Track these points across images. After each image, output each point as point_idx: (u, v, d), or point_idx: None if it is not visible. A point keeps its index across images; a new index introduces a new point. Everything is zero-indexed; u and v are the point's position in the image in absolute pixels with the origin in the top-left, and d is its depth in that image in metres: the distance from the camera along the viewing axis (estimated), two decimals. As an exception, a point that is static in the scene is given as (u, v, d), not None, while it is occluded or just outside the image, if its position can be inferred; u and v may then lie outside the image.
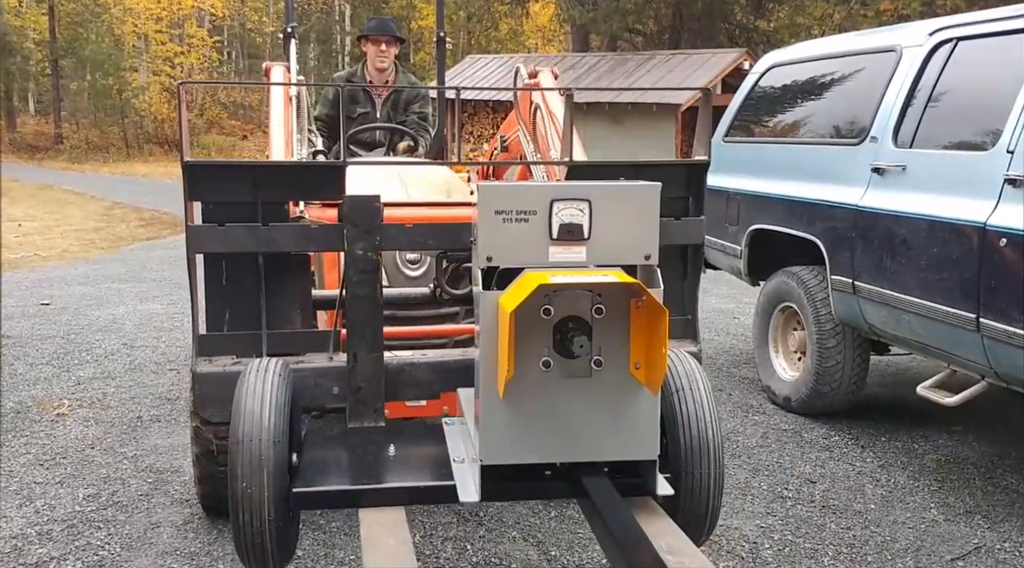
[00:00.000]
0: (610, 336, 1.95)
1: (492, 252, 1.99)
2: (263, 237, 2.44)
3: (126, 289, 9.27)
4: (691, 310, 2.77)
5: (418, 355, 2.60)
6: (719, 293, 9.07)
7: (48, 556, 3.63)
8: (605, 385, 1.99)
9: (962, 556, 3.72)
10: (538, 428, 1.99)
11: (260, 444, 2.03)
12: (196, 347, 2.50)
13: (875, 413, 5.44)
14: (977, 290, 4.00)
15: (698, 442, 2.17)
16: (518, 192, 1.99)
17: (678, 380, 2.26)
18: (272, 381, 2.16)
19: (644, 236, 2.04)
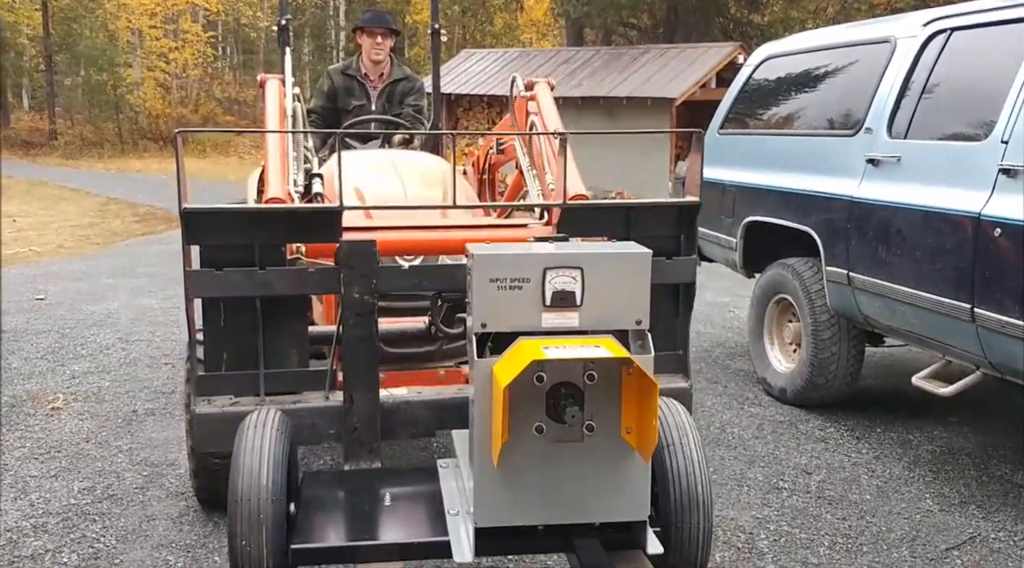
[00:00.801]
0: (602, 402, 2.00)
1: (486, 318, 2.03)
2: (260, 281, 2.49)
3: (121, 284, 9.24)
4: (682, 345, 2.82)
5: (413, 393, 2.64)
6: (714, 287, 9.07)
7: (43, 548, 3.62)
8: (597, 449, 2.03)
9: (957, 546, 3.73)
10: (531, 491, 2.04)
11: (259, 502, 2.07)
12: (195, 388, 2.56)
13: (870, 404, 5.44)
14: (971, 280, 4.01)
15: (688, 498, 2.21)
16: (512, 260, 2.04)
17: (670, 435, 2.29)
18: (270, 436, 2.20)
19: (635, 302, 2.09)
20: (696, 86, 16.97)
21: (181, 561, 3.54)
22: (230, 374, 2.56)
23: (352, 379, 2.52)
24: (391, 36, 5.30)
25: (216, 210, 2.54)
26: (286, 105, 3.77)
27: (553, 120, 3.76)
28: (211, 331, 2.56)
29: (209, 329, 2.57)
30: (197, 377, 2.55)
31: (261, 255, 2.50)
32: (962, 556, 3.65)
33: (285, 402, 2.58)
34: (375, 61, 5.27)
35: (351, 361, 2.51)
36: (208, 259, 2.51)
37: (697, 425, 4.99)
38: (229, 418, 2.45)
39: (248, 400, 2.58)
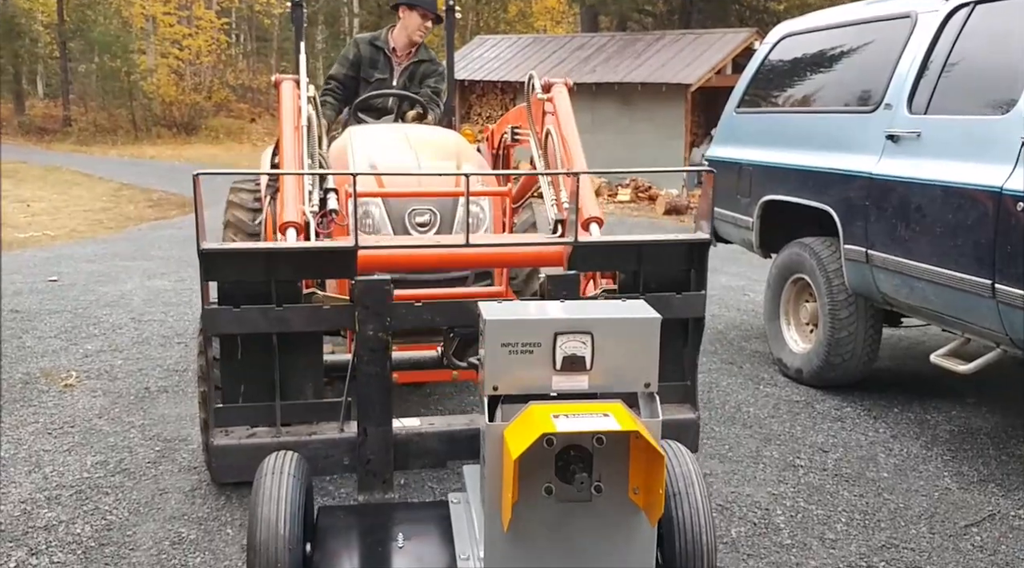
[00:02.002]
0: (610, 463, 2.04)
1: (498, 382, 2.08)
2: (276, 318, 2.54)
3: (134, 266, 9.25)
4: (690, 376, 2.85)
5: (426, 425, 2.69)
6: (729, 272, 9.02)
7: (57, 520, 3.62)
8: (605, 509, 2.08)
9: (976, 523, 3.68)
10: (539, 548, 2.09)
11: (276, 552, 2.12)
12: (213, 419, 2.61)
13: (887, 385, 5.39)
14: (992, 256, 3.95)
15: (693, 547, 2.25)
16: (523, 326, 2.08)
17: (676, 484, 2.32)
18: (287, 484, 2.24)
19: (644, 366, 2.13)
20: (711, 72, 16.86)
21: (194, 533, 3.53)
22: (247, 406, 2.62)
23: (366, 413, 2.57)
24: (435, 21, 5.29)
25: (233, 250, 2.59)
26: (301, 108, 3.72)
27: (569, 127, 3.74)
28: (228, 364, 2.61)
29: (226, 362, 2.61)
30: (215, 408, 2.60)
31: (277, 291, 2.55)
32: (981, 533, 3.60)
33: (300, 433, 2.63)
34: (414, 41, 5.25)
35: (365, 396, 2.57)
36: (225, 295, 2.56)
37: (714, 403, 4.97)
38: (247, 449, 2.53)
39: (264, 431, 2.63)
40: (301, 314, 2.57)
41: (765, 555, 3.41)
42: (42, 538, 3.48)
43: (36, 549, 3.39)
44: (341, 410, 2.66)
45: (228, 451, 2.57)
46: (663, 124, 17.00)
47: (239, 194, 5.07)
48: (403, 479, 3.82)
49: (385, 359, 2.56)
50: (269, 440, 2.58)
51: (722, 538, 3.54)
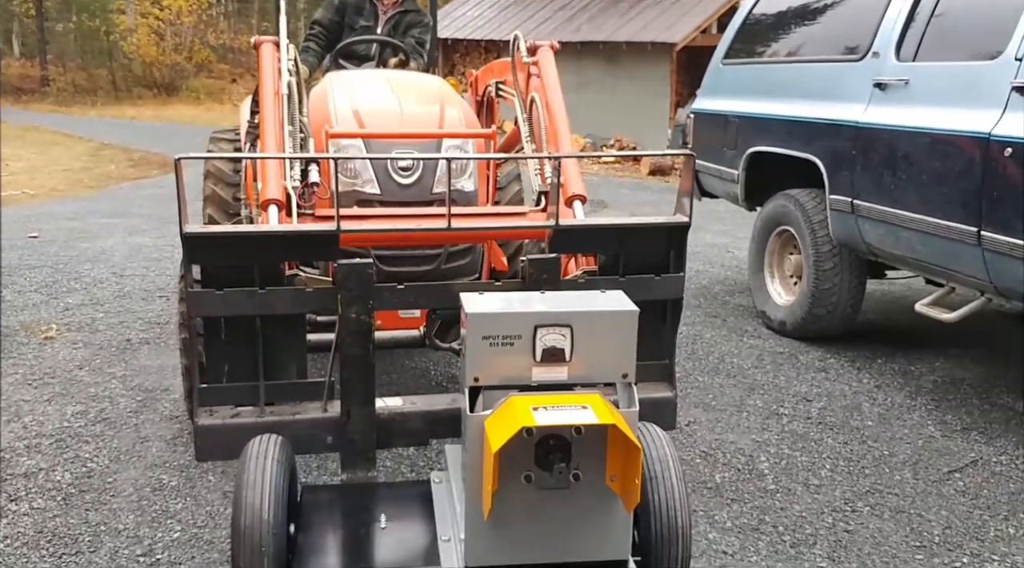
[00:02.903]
0: (588, 452, 2.09)
1: (479, 373, 2.12)
2: (260, 301, 2.56)
3: (115, 223, 9.14)
4: (669, 355, 2.89)
5: (408, 404, 2.72)
6: (713, 229, 9.00)
7: (37, 467, 3.59)
8: (583, 496, 2.13)
9: (959, 469, 3.70)
10: (518, 533, 2.14)
11: (260, 536, 2.15)
12: (197, 399, 2.62)
13: (871, 337, 5.40)
14: (979, 203, 3.93)
15: (668, 530, 2.31)
16: (504, 319, 2.12)
17: (653, 468, 2.37)
18: (271, 469, 2.26)
19: (622, 357, 2.17)
20: (697, 31, 16.69)
21: (175, 480, 3.50)
22: (231, 386, 2.63)
23: (349, 393, 2.59)
24: None
25: (217, 234, 2.60)
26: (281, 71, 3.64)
27: (555, 95, 3.69)
28: (212, 345, 2.62)
29: (210, 343, 2.62)
30: (199, 388, 2.61)
31: (260, 274, 2.57)
32: (964, 478, 3.62)
33: (284, 413, 2.65)
34: None
35: (348, 377, 2.59)
36: (208, 277, 2.56)
37: (698, 354, 4.97)
38: (231, 430, 2.55)
39: (248, 411, 2.64)
40: (284, 296, 2.59)
41: (749, 500, 3.42)
42: (21, 485, 3.44)
43: (15, 496, 3.36)
44: (324, 390, 2.68)
45: (212, 431, 2.59)
46: (648, 84, 16.86)
47: (219, 144, 4.99)
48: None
49: (368, 341, 2.58)
50: (253, 420, 2.59)
51: (706, 483, 3.55)
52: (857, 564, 2.99)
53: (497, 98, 4.58)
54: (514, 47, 3.95)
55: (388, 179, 3.52)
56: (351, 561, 2.33)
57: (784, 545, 3.10)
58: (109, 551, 3.01)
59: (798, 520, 3.27)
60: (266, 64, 3.70)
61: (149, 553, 3.01)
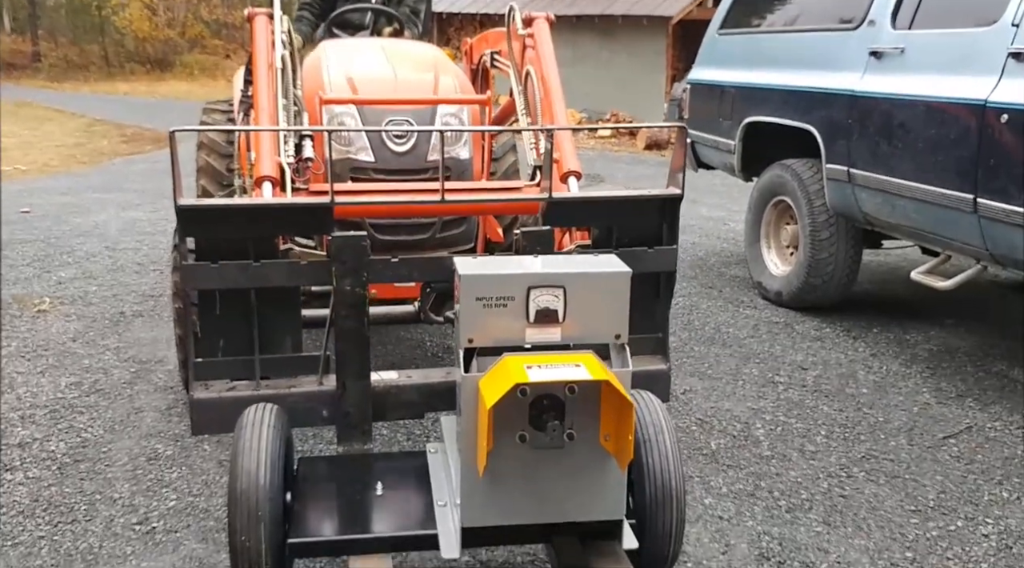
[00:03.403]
0: (582, 411, 2.09)
1: (473, 334, 2.12)
2: (254, 273, 2.55)
3: (108, 198, 9.10)
4: (662, 328, 2.90)
5: (403, 377, 2.72)
6: (709, 203, 8.98)
7: (31, 437, 3.58)
8: (577, 455, 2.14)
9: (954, 434, 3.71)
10: (514, 493, 2.15)
11: (257, 501, 2.15)
12: (193, 372, 2.62)
13: (867, 307, 5.40)
14: (975, 170, 3.92)
15: (662, 493, 2.32)
16: (498, 280, 2.13)
17: (646, 431, 2.38)
18: (267, 435, 2.26)
19: (615, 318, 2.18)
20: (693, 4, 16.57)
21: (170, 450, 3.50)
22: (226, 360, 2.63)
23: (344, 367, 2.59)
24: None
25: (211, 206, 2.58)
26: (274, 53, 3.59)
27: (550, 69, 3.66)
28: (207, 318, 2.61)
29: (205, 316, 2.61)
30: (195, 362, 2.60)
31: (254, 247, 2.56)
32: (959, 444, 3.63)
33: (280, 387, 2.64)
34: None
35: (343, 351, 2.58)
36: (202, 250, 2.55)
37: (694, 325, 4.97)
38: (226, 403, 2.54)
39: (244, 385, 2.63)
40: (279, 269, 2.59)
41: (745, 466, 3.43)
42: (16, 455, 3.44)
43: (10, 465, 3.36)
44: (320, 364, 2.68)
45: (208, 405, 2.58)
46: (644, 57, 16.77)
47: (212, 115, 4.95)
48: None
49: (362, 314, 2.57)
50: (249, 393, 2.59)
51: (702, 450, 3.55)
52: (852, 528, 3.00)
53: (492, 69, 4.54)
54: (510, 19, 3.91)
55: (382, 147, 3.49)
56: (347, 526, 2.34)
57: (780, 510, 3.11)
58: (104, 520, 3.01)
59: (794, 485, 3.28)
60: (260, 37, 3.65)
61: (145, 521, 3.01)
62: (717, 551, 2.86)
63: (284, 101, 3.46)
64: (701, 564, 2.79)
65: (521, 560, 2.77)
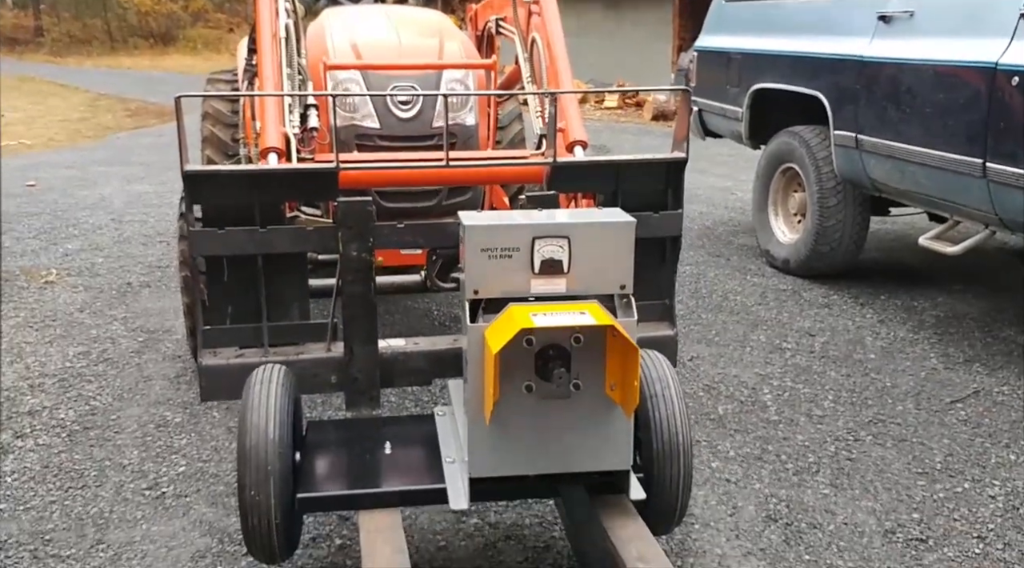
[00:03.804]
0: (588, 361, 2.10)
1: (478, 285, 2.13)
2: (261, 240, 2.56)
3: (113, 172, 9.09)
4: (668, 295, 2.89)
5: (411, 344, 2.74)
6: (717, 173, 8.96)
7: (41, 406, 3.60)
8: (583, 405, 2.14)
9: (961, 399, 3.70)
10: (521, 444, 2.15)
11: (266, 456, 2.16)
12: (201, 340, 2.62)
13: (874, 274, 5.38)
14: (984, 134, 3.88)
15: (669, 446, 2.32)
16: (502, 231, 2.14)
17: (653, 386, 2.39)
18: (275, 392, 2.27)
19: (619, 268, 2.19)
20: (699, -27, 16.44)
21: (179, 417, 3.51)
22: (234, 327, 2.64)
23: (352, 333, 2.60)
24: None
25: (217, 172, 2.59)
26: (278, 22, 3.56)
27: (557, 37, 3.61)
28: (214, 285, 2.62)
29: (212, 284, 2.62)
30: (203, 330, 2.61)
31: (261, 213, 2.56)
32: (966, 408, 3.62)
33: (288, 353, 2.64)
34: None
35: (351, 316, 2.58)
36: (209, 217, 2.55)
37: (701, 293, 4.96)
38: (235, 370, 2.54)
39: (252, 352, 2.64)
40: (285, 235, 2.59)
41: (752, 430, 3.43)
42: (26, 422, 3.46)
43: (21, 432, 3.38)
44: (328, 331, 2.68)
45: (216, 371, 2.59)
46: (650, 27, 16.64)
47: (217, 85, 4.92)
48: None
49: (369, 280, 2.58)
50: (257, 360, 2.58)
51: (709, 415, 3.56)
52: (860, 490, 3.00)
53: (497, 35, 4.51)
54: None
55: (387, 113, 3.48)
56: (356, 482, 2.35)
57: (787, 473, 3.12)
58: (114, 485, 3.03)
59: (801, 449, 3.28)
60: (263, 6, 3.62)
61: (154, 487, 3.03)
62: (724, 513, 2.87)
63: (288, 70, 3.44)
64: (709, 526, 2.80)
65: (529, 522, 2.79)
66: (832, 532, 2.77)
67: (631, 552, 2.07)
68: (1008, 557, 2.65)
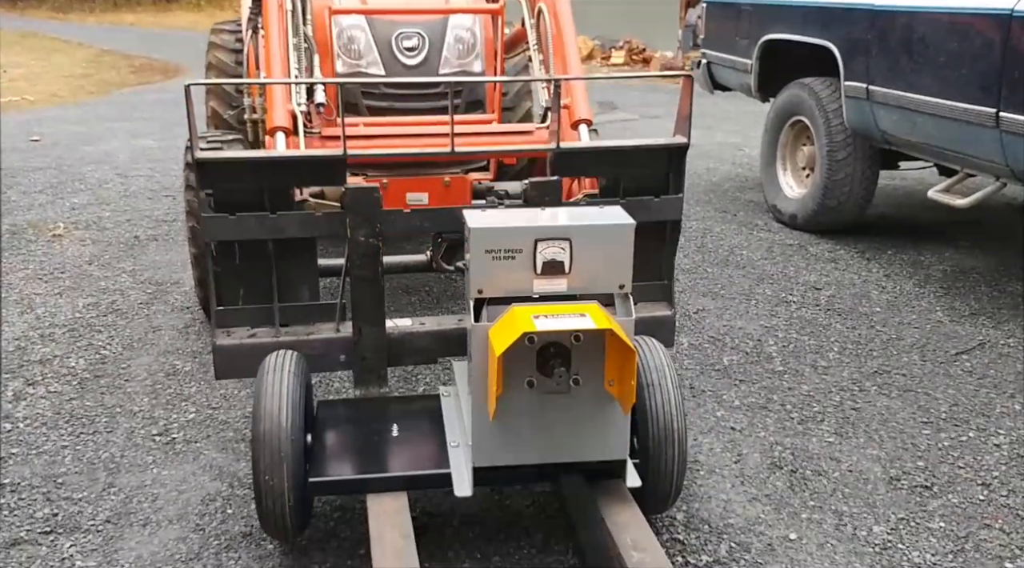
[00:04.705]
0: (587, 358, 2.18)
1: (482, 286, 2.21)
2: (271, 225, 2.60)
3: (118, 127, 9.07)
4: (667, 275, 2.93)
5: (417, 324, 2.81)
6: (725, 129, 8.90)
7: (51, 354, 3.62)
8: (582, 399, 2.23)
9: (967, 351, 3.71)
10: (522, 435, 2.24)
11: (280, 442, 2.24)
12: (215, 320, 2.69)
13: (881, 230, 5.37)
14: (998, 84, 3.85)
15: (665, 434, 2.39)
16: (506, 233, 2.21)
17: (649, 375, 2.45)
18: (287, 380, 2.35)
19: (619, 269, 2.26)
20: (708, -73, 16.18)
21: (188, 366, 3.54)
22: (247, 308, 2.70)
23: (360, 314, 2.67)
24: None
25: (228, 159, 2.62)
26: None
27: (563, 6, 3.57)
28: (226, 268, 2.67)
29: (224, 267, 2.67)
30: (216, 311, 2.67)
31: (270, 198, 2.61)
32: (971, 360, 3.63)
33: (299, 333, 2.71)
34: None
35: (359, 299, 2.65)
36: (220, 202, 2.60)
37: (708, 247, 4.95)
38: (248, 349, 2.62)
39: (264, 331, 2.70)
40: (295, 221, 2.64)
41: (757, 380, 3.44)
42: (37, 370, 3.48)
43: (32, 380, 3.40)
44: (337, 311, 2.75)
45: (231, 351, 2.65)
46: None
47: (221, 35, 4.89)
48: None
49: (376, 263, 2.64)
50: (269, 339, 2.66)
51: (714, 366, 3.57)
52: (864, 439, 3.02)
53: None
54: None
55: (393, 60, 3.46)
56: (365, 467, 2.43)
57: (792, 422, 3.13)
58: (125, 431, 3.06)
59: (806, 399, 3.30)
60: None
61: (165, 433, 3.06)
62: (730, 460, 2.90)
63: (295, 40, 3.44)
64: (714, 472, 2.83)
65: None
66: (837, 479, 2.79)
67: (626, 540, 2.15)
68: (1012, 503, 2.67)
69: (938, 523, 2.58)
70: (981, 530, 2.55)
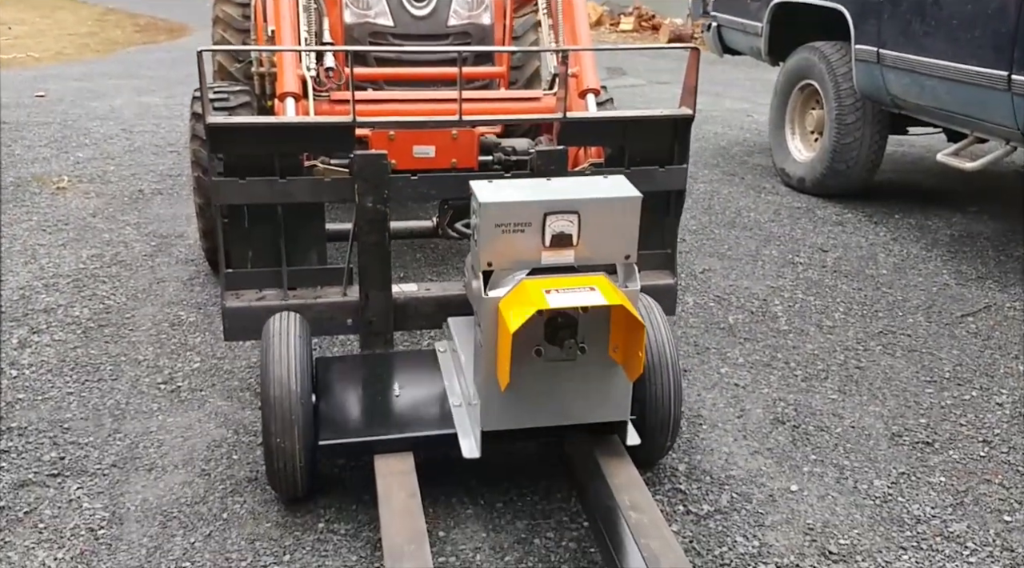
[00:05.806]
0: (594, 327, 2.24)
1: (491, 258, 2.23)
2: (280, 190, 2.62)
3: (123, 84, 9.00)
4: (671, 244, 2.96)
5: (423, 290, 2.85)
6: (733, 95, 8.82)
7: (55, 304, 3.63)
8: (588, 366, 2.29)
9: (972, 313, 3.71)
10: (529, 400, 2.30)
11: (290, 405, 2.30)
12: (224, 283, 2.71)
13: (889, 194, 5.34)
14: (1011, 46, 3.81)
15: (661, 391, 2.46)
16: (516, 207, 2.23)
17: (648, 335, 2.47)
18: (294, 344, 2.40)
19: (625, 240, 2.29)
20: None
21: (193, 316, 3.54)
22: (255, 271, 2.73)
23: (367, 279, 2.70)
24: None
25: (239, 125, 2.62)
26: None
27: None
28: (235, 232, 2.69)
29: (234, 230, 2.69)
30: (226, 273, 2.69)
31: (280, 164, 2.62)
32: (976, 322, 3.63)
33: (306, 297, 2.73)
34: None
35: (366, 264, 2.68)
36: (230, 166, 2.62)
37: (715, 209, 4.94)
38: (256, 311, 2.65)
39: (272, 294, 2.72)
40: (303, 186, 2.65)
41: (762, 339, 3.45)
42: (42, 319, 3.49)
43: (37, 328, 3.41)
44: (344, 275, 2.77)
45: (239, 313, 2.68)
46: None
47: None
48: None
49: (384, 229, 2.67)
50: (277, 303, 2.68)
51: (719, 324, 3.57)
52: (867, 396, 3.03)
53: None
54: None
55: (402, 11, 3.43)
56: (372, 428, 2.47)
57: (796, 379, 3.14)
58: (130, 379, 3.07)
59: (810, 357, 3.30)
60: None
61: (170, 381, 3.07)
62: (732, 415, 2.90)
63: (305, 2, 3.42)
64: (716, 426, 2.84)
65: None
66: (839, 434, 2.80)
67: (624, 501, 2.21)
68: (1012, 460, 2.67)
69: (938, 478, 2.59)
70: (981, 485, 2.56)
